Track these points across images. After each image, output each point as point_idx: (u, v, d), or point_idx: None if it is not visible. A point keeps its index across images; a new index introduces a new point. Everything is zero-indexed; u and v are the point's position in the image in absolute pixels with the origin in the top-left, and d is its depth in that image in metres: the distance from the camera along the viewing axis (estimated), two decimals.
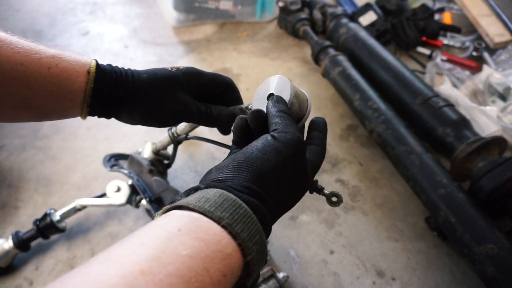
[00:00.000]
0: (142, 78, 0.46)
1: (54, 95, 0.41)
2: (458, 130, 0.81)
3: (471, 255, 0.65)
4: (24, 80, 0.38)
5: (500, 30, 1.22)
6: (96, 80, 0.43)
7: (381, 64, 0.99)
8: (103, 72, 0.44)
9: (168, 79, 0.47)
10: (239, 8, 1.34)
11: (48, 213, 0.75)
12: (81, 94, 0.42)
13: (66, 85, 0.41)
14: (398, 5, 1.23)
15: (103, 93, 0.44)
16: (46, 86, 0.40)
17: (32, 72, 0.39)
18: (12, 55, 0.37)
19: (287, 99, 0.42)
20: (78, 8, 1.44)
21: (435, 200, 0.72)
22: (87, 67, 0.43)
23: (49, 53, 0.40)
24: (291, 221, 0.82)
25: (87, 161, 0.94)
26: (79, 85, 0.42)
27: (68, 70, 0.41)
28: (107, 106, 0.45)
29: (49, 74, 0.40)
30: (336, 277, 0.73)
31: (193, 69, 0.49)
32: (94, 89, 0.43)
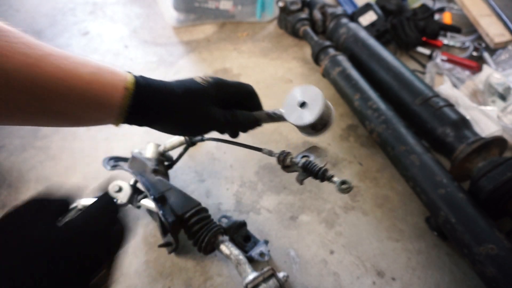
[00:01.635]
0: (176, 92, 0.48)
1: (93, 107, 0.43)
2: (458, 130, 0.81)
3: (471, 255, 0.65)
4: (66, 95, 0.40)
5: (500, 30, 1.22)
6: (133, 96, 0.45)
7: (381, 64, 0.99)
8: (139, 87, 0.46)
9: (201, 93, 0.50)
10: (239, 8, 1.34)
11: None
12: (118, 107, 0.45)
13: (105, 99, 0.43)
14: (398, 5, 1.23)
15: (139, 107, 0.46)
16: (85, 100, 0.42)
17: (72, 87, 0.40)
18: (56, 72, 0.39)
19: (319, 108, 0.47)
20: (78, 8, 1.44)
21: (435, 200, 0.72)
22: (125, 82, 0.45)
23: (89, 67, 0.42)
24: (291, 221, 0.82)
25: (87, 161, 0.94)
26: (117, 100, 0.44)
27: (107, 85, 0.43)
28: (142, 118, 0.48)
29: (88, 89, 0.41)
30: (336, 277, 0.73)
31: (219, 80, 0.53)
32: (130, 105, 0.45)
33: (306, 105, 0.49)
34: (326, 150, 0.53)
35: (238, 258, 0.65)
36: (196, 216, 0.68)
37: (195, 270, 0.75)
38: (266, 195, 0.87)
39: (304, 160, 0.52)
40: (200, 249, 0.68)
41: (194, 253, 0.77)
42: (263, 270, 0.62)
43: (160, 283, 0.73)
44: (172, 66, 1.22)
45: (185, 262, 0.76)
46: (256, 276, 0.61)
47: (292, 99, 0.50)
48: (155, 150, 0.82)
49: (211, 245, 0.68)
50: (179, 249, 0.76)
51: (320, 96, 0.48)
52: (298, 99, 0.50)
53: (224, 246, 0.67)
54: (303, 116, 0.49)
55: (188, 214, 0.68)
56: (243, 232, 0.77)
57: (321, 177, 0.49)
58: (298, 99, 0.50)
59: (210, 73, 1.19)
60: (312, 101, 0.48)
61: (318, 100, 0.48)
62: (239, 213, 0.83)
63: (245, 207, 0.85)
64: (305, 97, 0.49)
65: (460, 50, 1.24)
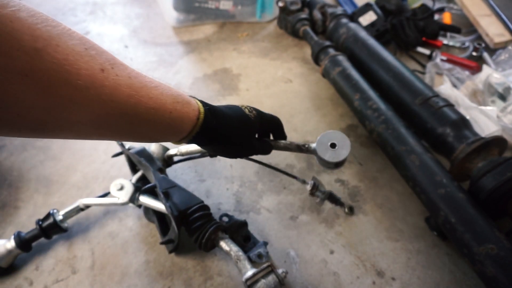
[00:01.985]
0: (234, 125, 0.57)
1: (168, 131, 0.50)
2: (458, 130, 0.81)
3: (471, 255, 0.65)
4: (152, 121, 0.46)
5: (500, 30, 1.22)
6: (201, 125, 0.52)
7: (381, 64, 0.99)
8: (207, 118, 0.53)
9: (250, 126, 0.58)
10: (239, 8, 1.34)
11: (52, 212, 0.75)
12: (187, 132, 0.52)
13: (179, 126, 0.50)
14: (398, 5, 1.23)
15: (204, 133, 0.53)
16: (164, 126, 0.48)
17: (159, 116, 0.46)
18: (148, 102, 0.44)
19: (347, 152, 0.62)
20: (78, 8, 1.44)
21: (435, 200, 0.72)
22: (197, 113, 0.52)
23: (171, 98, 0.48)
24: (291, 221, 0.82)
25: (87, 161, 0.94)
26: (188, 126, 0.51)
27: (183, 114, 0.50)
28: (200, 142, 0.55)
29: (169, 117, 0.48)
30: (336, 277, 0.73)
31: (261, 113, 0.62)
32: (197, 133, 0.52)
33: (336, 146, 0.62)
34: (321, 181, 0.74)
35: (237, 254, 0.66)
36: (198, 212, 0.70)
37: (195, 270, 0.75)
38: (266, 195, 0.87)
39: (329, 191, 0.73)
40: (200, 245, 0.69)
41: (194, 253, 0.77)
42: (262, 266, 0.63)
43: (160, 283, 0.73)
44: (172, 66, 1.22)
45: (185, 262, 0.76)
46: (255, 272, 0.62)
47: (325, 139, 0.63)
48: (161, 151, 0.83)
49: (211, 241, 0.69)
50: (179, 249, 0.76)
51: (348, 142, 0.63)
52: (329, 141, 0.63)
53: (224, 242, 0.68)
54: (334, 155, 0.62)
55: (191, 210, 0.70)
56: (244, 232, 0.77)
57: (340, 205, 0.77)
58: (329, 141, 0.63)
59: (210, 73, 1.19)
60: (341, 144, 0.62)
61: (346, 145, 0.62)
62: (239, 213, 0.84)
63: (245, 207, 0.85)
64: (334, 139, 0.63)
65: (459, 50, 1.24)
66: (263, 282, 0.61)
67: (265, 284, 0.61)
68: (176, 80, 1.17)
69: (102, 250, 0.78)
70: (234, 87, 1.14)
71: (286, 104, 1.08)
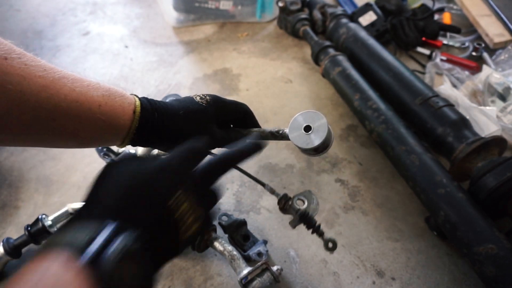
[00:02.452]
0: (179, 115, 0.50)
1: (101, 128, 0.45)
2: (457, 130, 0.81)
3: (471, 255, 0.66)
4: (77, 116, 0.42)
5: (500, 30, 1.22)
6: (140, 119, 0.47)
7: (381, 64, 0.99)
8: (145, 111, 0.48)
9: (201, 114, 0.52)
10: (239, 8, 1.34)
11: (40, 218, 0.74)
12: (125, 129, 0.47)
13: (113, 121, 0.45)
14: (398, 5, 1.23)
15: (145, 129, 0.48)
16: (95, 121, 0.43)
17: (84, 109, 0.42)
18: (69, 93, 0.41)
19: (324, 134, 0.52)
20: (78, 8, 1.44)
21: (435, 200, 0.72)
22: (133, 106, 0.47)
23: (100, 91, 0.44)
24: None
25: (87, 161, 0.94)
26: (125, 122, 0.46)
27: (116, 108, 0.45)
28: (146, 140, 0.50)
29: (99, 111, 0.43)
30: (336, 276, 0.73)
31: (217, 99, 0.55)
32: (137, 128, 0.47)
33: (311, 130, 0.53)
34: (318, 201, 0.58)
35: (232, 254, 0.66)
36: None
37: (195, 270, 0.75)
38: (266, 195, 0.87)
39: (303, 210, 0.56)
40: (193, 247, 0.69)
41: (194, 253, 0.77)
42: (257, 265, 0.63)
43: (160, 283, 0.73)
44: (172, 66, 1.22)
45: (185, 262, 0.76)
46: (250, 271, 0.62)
47: (297, 123, 0.54)
48: (146, 152, 0.82)
49: (205, 242, 0.69)
50: None
51: (325, 122, 0.53)
52: (303, 123, 0.54)
53: (218, 243, 0.68)
54: (308, 140, 0.53)
55: None
56: (243, 231, 0.77)
57: (314, 231, 0.55)
58: (303, 123, 0.54)
59: (210, 73, 1.19)
60: (316, 126, 0.53)
61: (323, 126, 0.53)
62: (239, 213, 0.84)
63: (245, 207, 0.85)
64: (309, 121, 0.53)
65: (459, 50, 1.24)
66: (258, 281, 0.61)
67: (260, 283, 0.61)
68: (176, 80, 1.17)
69: None
70: (234, 87, 1.14)
71: (286, 104, 1.08)
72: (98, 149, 0.82)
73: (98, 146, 0.49)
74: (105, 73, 1.20)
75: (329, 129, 0.54)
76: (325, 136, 0.52)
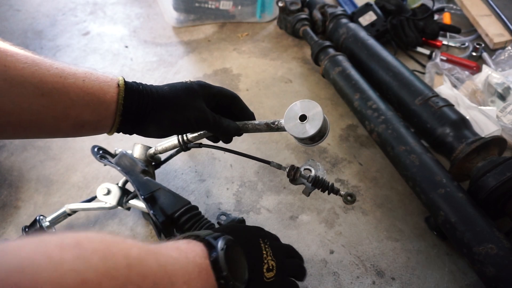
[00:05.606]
0: (164, 89, 0.52)
1: (90, 105, 0.45)
2: (457, 130, 0.81)
3: (471, 255, 0.66)
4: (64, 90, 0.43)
5: (500, 30, 1.23)
6: (126, 91, 0.48)
7: (381, 64, 0.99)
8: (130, 85, 0.49)
9: (187, 89, 0.53)
10: (239, 8, 1.34)
11: (38, 219, 0.73)
12: (113, 103, 0.47)
13: (100, 95, 0.46)
14: (398, 5, 1.23)
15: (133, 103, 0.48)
16: (82, 96, 0.44)
17: (69, 83, 0.43)
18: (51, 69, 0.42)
19: (319, 122, 0.52)
20: (78, 8, 1.44)
21: (434, 200, 0.72)
22: (116, 81, 0.48)
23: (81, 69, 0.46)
24: (291, 221, 0.82)
25: (87, 161, 0.94)
26: (111, 95, 0.47)
27: (100, 82, 0.46)
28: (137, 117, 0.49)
29: (84, 86, 0.45)
30: (336, 276, 0.73)
31: (203, 82, 0.56)
32: (125, 99, 0.48)
33: (306, 119, 0.53)
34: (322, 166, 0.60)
35: None
36: (186, 215, 0.68)
37: None
38: (266, 195, 0.87)
39: (314, 175, 0.57)
40: None
41: None
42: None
43: None
44: (172, 66, 1.22)
45: None
46: None
47: (292, 112, 0.54)
48: (143, 151, 0.81)
49: None
50: None
51: (320, 111, 0.53)
52: (298, 113, 0.54)
53: None
54: (304, 129, 0.53)
55: (178, 213, 0.68)
56: None
57: (330, 191, 0.57)
58: (298, 113, 0.54)
59: (210, 73, 1.19)
60: (312, 115, 0.53)
61: (318, 115, 0.53)
62: (239, 213, 0.84)
63: (245, 207, 0.85)
64: (305, 111, 0.54)
65: (459, 50, 1.24)
66: None
67: None
68: (176, 80, 1.16)
69: None
70: (234, 87, 1.14)
71: (286, 104, 1.08)
72: (94, 151, 0.81)
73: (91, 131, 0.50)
74: (105, 73, 1.19)
75: (324, 117, 0.54)
76: (320, 125, 0.52)
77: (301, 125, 0.53)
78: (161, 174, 0.90)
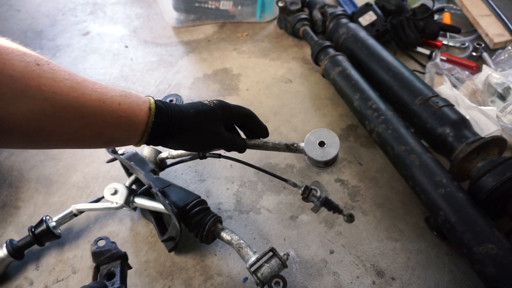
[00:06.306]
0: (190, 113, 0.56)
1: (122, 126, 0.50)
2: (457, 130, 0.81)
3: (471, 255, 0.66)
4: (101, 114, 0.47)
5: (500, 30, 1.23)
6: (156, 115, 0.53)
7: (380, 64, 0.99)
8: (160, 108, 0.54)
9: (209, 113, 0.58)
10: (239, 8, 1.34)
11: (45, 219, 0.74)
12: (143, 125, 0.52)
13: (132, 118, 0.50)
14: (398, 5, 1.23)
15: (161, 125, 0.53)
16: (116, 119, 0.49)
17: (107, 107, 0.47)
18: (92, 93, 0.46)
19: (336, 151, 0.61)
20: (78, 8, 1.45)
21: (434, 200, 0.72)
22: (148, 104, 0.53)
23: (117, 92, 0.50)
24: (291, 221, 0.82)
25: (87, 161, 0.94)
26: (142, 118, 0.51)
27: (133, 106, 0.50)
28: (163, 137, 0.55)
29: (119, 109, 0.49)
30: (336, 276, 0.73)
31: (223, 102, 0.61)
32: (154, 122, 0.52)
33: (324, 145, 0.61)
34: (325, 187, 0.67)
35: (239, 242, 0.67)
36: (196, 207, 0.71)
37: (195, 270, 0.75)
38: (266, 195, 0.87)
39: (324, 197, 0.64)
40: (202, 239, 0.70)
41: (194, 252, 0.77)
42: (264, 251, 0.64)
43: (160, 283, 0.73)
44: (172, 66, 1.22)
45: (185, 262, 0.76)
46: (258, 258, 0.63)
47: (313, 137, 0.63)
48: (153, 154, 0.83)
49: (212, 233, 0.70)
50: (179, 249, 0.77)
51: (337, 140, 0.62)
52: (317, 139, 0.62)
53: (224, 233, 0.69)
54: (322, 154, 0.61)
55: (190, 205, 0.71)
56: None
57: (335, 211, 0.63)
58: (317, 139, 0.62)
59: (210, 73, 1.19)
60: (330, 142, 0.61)
61: (335, 143, 0.61)
62: (239, 213, 0.84)
63: (245, 206, 0.85)
64: (323, 138, 0.62)
65: (459, 50, 1.24)
66: (267, 266, 0.62)
67: (269, 268, 0.62)
68: (176, 80, 1.17)
69: None
70: (234, 87, 1.14)
71: (286, 104, 1.08)
72: None
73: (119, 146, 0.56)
74: (105, 73, 1.20)
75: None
76: (337, 152, 0.61)
77: (320, 149, 0.61)
78: (161, 174, 0.90)
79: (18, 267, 0.76)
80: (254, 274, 0.61)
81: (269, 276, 0.61)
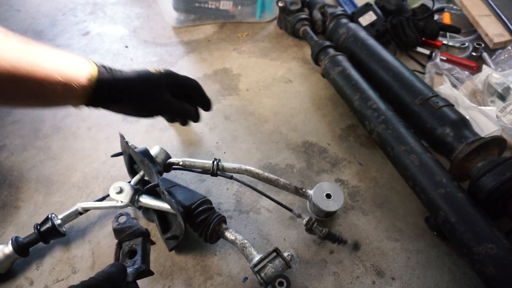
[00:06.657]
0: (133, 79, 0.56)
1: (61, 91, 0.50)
2: (457, 130, 0.81)
3: (471, 255, 0.66)
4: (38, 63, 0.47)
5: (500, 30, 1.23)
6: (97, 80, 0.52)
7: (380, 64, 0.99)
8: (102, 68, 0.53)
9: (155, 80, 0.58)
10: (239, 8, 1.34)
11: (50, 217, 0.74)
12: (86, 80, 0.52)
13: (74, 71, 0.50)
14: (397, 5, 1.23)
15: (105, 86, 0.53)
16: (55, 67, 0.48)
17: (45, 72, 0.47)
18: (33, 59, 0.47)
19: (339, 205, 0.72)
20: (78, 8, 1.44)
21: (434, 200, 0.72)
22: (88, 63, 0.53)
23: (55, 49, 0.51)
24: (291, 221, 0.82)
25: (87, 161, 0.94)
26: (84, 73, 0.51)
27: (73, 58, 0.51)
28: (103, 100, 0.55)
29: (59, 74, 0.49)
30: (336, 276, 0.73)
31: (170, 71, 0.61)
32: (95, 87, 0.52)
33: (331, 197, 0.70)
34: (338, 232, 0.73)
35: (243, 242, 0.67)
36: (201, 207, 0.71)
37: (195, 270, 0.75)
38: None
39: (327, 231, 0.69)
40: (206, 238, 0.70)
41: (195, 252, 0.77)
42: (268, 251, 0.64)
43: (160, 283, 0.73)
44: (172, 66, 1.22)
45: (185, 261, 0.76)
46: (262, 257, 0.63)
47: (321, 188, 0.72)
48: (162, 156, 0.83)
49: (216, 233, 0.70)
50: (179, 249, 0.77)
51: (342, 196, 0.72)
52: (325, 191, 0.71)
53: (228, 232, 0.69)
54: (327, 205, 0.71)
55: (195, 204, 0.71)
56: None
57: (339, 243, 0.70)
58: (325, 191, 0.71)
59: (210, 73, 1.19)
60: (335, 197, 0.71)
61: (340, 199, 0.71)
62: (239, 213, 0.84)
63: (245, 206, 0.85)
64: (330, 191, 0.72)
65: (459, 50, 1.24)
66: (271, 266, 0.62)
67: (273, 268, 0.62)
68: None
69: (102, 250, 0.78)
70: (234, 87, 1.14)
71: (286, 104, 1.08)
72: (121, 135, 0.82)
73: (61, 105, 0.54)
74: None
75: None
76: (340, 207, 0.70)
77: (325, 200, 0.70)
78: None
79: (18, 267, 0.76)
80: (258, 274, 0.61)
81: (273, 276, 0.61)
